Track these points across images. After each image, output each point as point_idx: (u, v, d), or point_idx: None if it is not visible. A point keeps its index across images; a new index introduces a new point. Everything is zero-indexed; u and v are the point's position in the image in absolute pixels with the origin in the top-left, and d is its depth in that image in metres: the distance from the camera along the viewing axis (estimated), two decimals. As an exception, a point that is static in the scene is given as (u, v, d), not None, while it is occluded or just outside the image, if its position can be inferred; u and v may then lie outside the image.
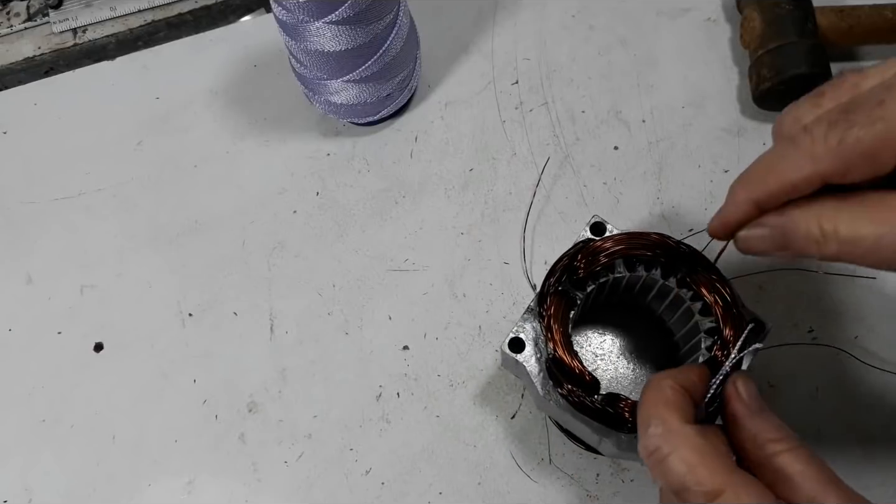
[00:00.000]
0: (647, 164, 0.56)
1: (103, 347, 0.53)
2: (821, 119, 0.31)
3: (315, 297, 0.54)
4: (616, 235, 0.42)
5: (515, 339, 0.41)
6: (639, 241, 0.41)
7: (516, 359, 0.40)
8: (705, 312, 0.40)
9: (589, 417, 0.38)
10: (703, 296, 0.40)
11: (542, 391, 0.40)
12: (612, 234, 0.42)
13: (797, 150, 0.31)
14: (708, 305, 0.40)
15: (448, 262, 0.54)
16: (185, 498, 0.49)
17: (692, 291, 0.41)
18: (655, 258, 0.41)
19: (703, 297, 0.40)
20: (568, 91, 0.59)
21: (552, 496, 0.48)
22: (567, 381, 0.38)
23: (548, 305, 0.40)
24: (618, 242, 0.41)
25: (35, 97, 0.63)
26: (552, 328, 0.39)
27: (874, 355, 0.49)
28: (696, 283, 0.40)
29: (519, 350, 0.41)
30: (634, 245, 0.41)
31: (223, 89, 0.62)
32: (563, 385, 0.38)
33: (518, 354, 0.40)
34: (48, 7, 0.67)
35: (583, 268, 0.41)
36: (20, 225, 0.58)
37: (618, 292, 0.45)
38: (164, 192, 0.58)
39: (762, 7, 0.55)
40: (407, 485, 0.48)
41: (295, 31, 0.49)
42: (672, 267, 0.41)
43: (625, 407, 0.38)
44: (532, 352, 0.41)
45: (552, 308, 0.40)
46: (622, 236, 0.42)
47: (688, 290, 0.41)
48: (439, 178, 0.57)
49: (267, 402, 0.51)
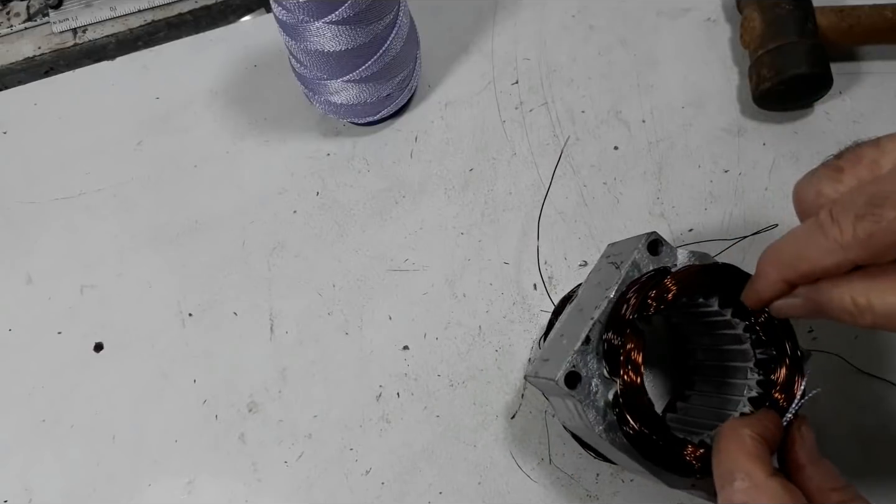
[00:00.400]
0: (647, 164, 0.56)
1: (103, 347, 0.53)
2: (846, 207, 0.30)
3: (315, 297, 0.54)
4: (687, 270, 0.39)
5: (572, 374, 0.37)
6: (709, 276, 0.39)
7: (571, 394, 0.37)
8: (758, 344, 0.39)
9: (652, 462, 0.36)
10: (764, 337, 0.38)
11: (599, 430, 0.37)
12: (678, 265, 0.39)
13: (826, 238, 0.31)
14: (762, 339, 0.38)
15: (448, 262, 0.54)
16: (185, 498, 0.49)
17: (747, 323, 0.39)
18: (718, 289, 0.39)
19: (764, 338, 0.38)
20: (568, 91, 0.59)
21: (552, 496, 0.48)
22: (638, 421, 0.36)
23: (626, 340, 0.37)
24: (689, 276, 0.38)
25: (35, 97, 0.63)
26: (632, 363, 0.37)
27: (874, 361, 0.49)
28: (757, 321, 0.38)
29: (573, 385, 0.37)
30: (704, 282, 0.38)
31: (223, 89, 0.62)
32: (629, 424, 0.36)
33: (573, 389, 0.37)
34: (48, 7, 0.67)
35: (654, 306, 0.38)
36: (20, 225, 0.58)
37: None
38: (164, 192, 0.58)
39: (762, 7, 0.55)
40: (407, 485, 0.48)
41: (295, 31, 0.49)
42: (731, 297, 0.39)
43: (692, 454, 0.36)
44: (587, 388, 0.37)
45: (631, 344, 0.37)
46: (693, 273, 0.39)
47: (742, 321, 0.39)
48: (439, 178, 0.57)
49: (267, 402, 0.51)
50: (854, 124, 0.57)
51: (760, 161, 0.56)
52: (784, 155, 0.56)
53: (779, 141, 0.56)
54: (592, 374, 0.37)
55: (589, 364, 0.37)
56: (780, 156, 0.56)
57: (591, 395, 0.37)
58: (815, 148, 0.56)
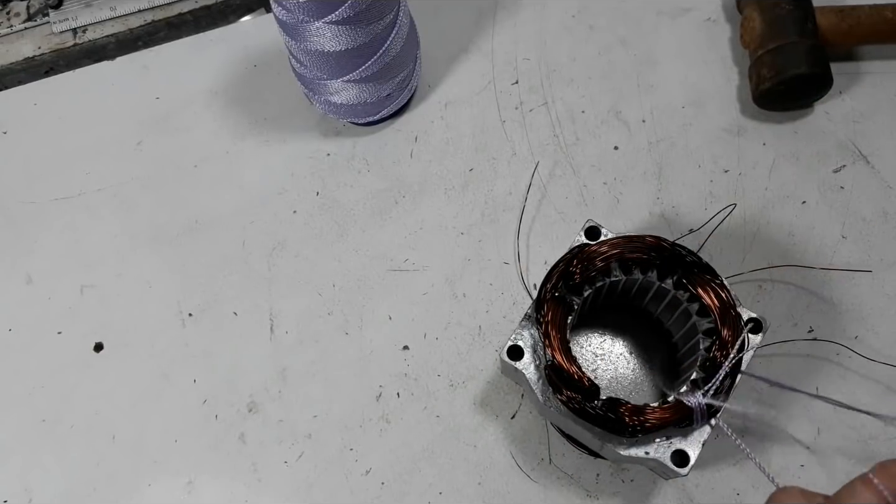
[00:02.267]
0: (647, 164, 0.56)
1: (103, 347, 0.53)
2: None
3: (315, 297, 0.54)
4: (611, 240, 0.42)
5: (514, 347, 0.40)
6: (634, 244, 0.41)
7: (515, 366, 0.40)
8: (703, 313, 0.40)
9: (590, 423, 0.38)
10: (701, 297, 0.40)
11: (542, 398, 0.40)
12: (606, 238, 0.42)
13: None
14: (705, 307, 0.40)
15: (448, 262, 0.54)
16: (185, 498, 0.49)
17: (689, 293, 0.40)
18: (651, 261, 0.41)
19: (700, 298, 0.40)
20: (568, 91, 0.59)
21: (552, 496, 0.48)
22: (566, 388, 0.38)
23: (545, 312, 0.40)
24: (613, 247, 0.41)
25: (35, 97, 0.63)
26: (550, 335, 0.39)
27: (875, 351, 0.49)
28: (692, 285, 0.40)
29: (518, 358, 0.40)
30: (629, 248, 0.41)
31: (223, 89, 0.62)
32: (562, 391, 0.38)
33: (517, 362, 0.40)
34: (48, 7, 0.67)
35: (579, 273, 0.40)
36: (20, 225, 0.58)
37: (615, 295, 0.45)
38: (164, 192, 0.58)
39: (762, 7, 0.55)
40: (407, 485, 0.48)
41: (295, 31, 0.49)
42: (668, 269, 0.41)
43: (625, 411, 0.38)
44: (531, 359, 0.40)
45: (549, 314, 0.40)
46: (617, 240, 0.41)
47: (684, 292, 0.41)
48: (439, 178, 0.57)
49: (267, 402, 0.51)
50: (854, 124, 0.57)
51: (760, 161, 0.56)
52: (784, 155, 0.56)
53: (779, 141, 0.56)
54: (535, 347, 0.40)
55: (527, 338, 0.41)
56: (780, 156, 0.56)
57: (536, 369, 0.40)
58: (815, 148, 0.56)
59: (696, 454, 0.38)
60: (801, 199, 0.55)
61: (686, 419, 0.38)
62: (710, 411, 0.38)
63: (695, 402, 0.37)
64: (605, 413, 0.38)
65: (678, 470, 0.38)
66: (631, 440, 0.38)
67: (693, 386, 0.39)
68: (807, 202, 0.54)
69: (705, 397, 0.37)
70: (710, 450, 0.47)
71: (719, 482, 0.47)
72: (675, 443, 0.38)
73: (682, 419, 0.38)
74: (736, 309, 0.39)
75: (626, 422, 0.37)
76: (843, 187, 0.55)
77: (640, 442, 0.38)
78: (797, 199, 0.55)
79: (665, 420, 0.38)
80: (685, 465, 0.38)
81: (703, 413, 0.37)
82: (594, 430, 0.39)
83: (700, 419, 0.38)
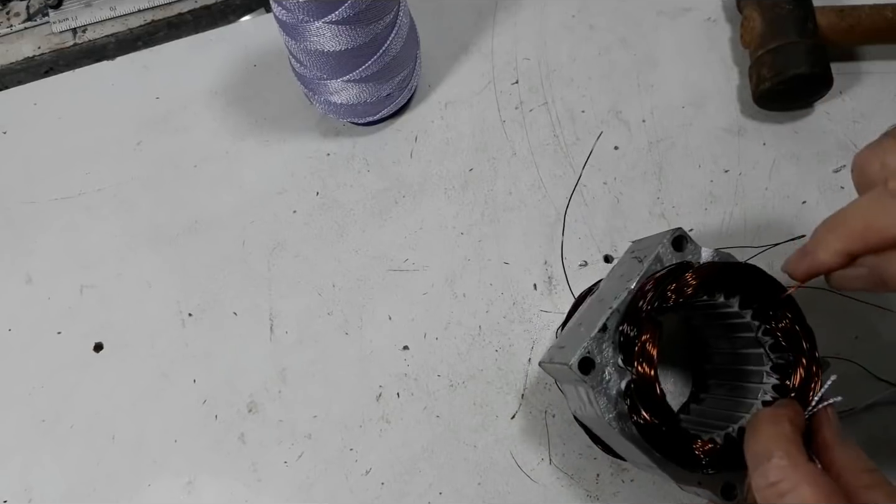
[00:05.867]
0: (647, 164, 0.56)
1: (103, 347, 0.53)
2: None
3: (315, 297, 0.54)
4: (706, 266, 0.39)
5: (586, 359, 0.37)
6: (731, 274, 0.39)
7: (584, 380, 0.37)
8: (776, 348, 0.39)
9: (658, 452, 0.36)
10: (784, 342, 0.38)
11: (608, 419, 0.37)
12: (701, 261, 0.39)
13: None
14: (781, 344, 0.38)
15: (448, 262, 0.54)
16: (185, 498, 0.49)
17: (767, 326, 0.39)
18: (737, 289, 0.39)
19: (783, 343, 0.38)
20: (568, 91, 0.59)
21: (552, 496, 0.48)
22: (649, 412, 0.36)
23: (642, 331, 0.37)
24: (710, 272, 0.38)
25: (35, 97, 0.63)
26: (646, 354, 0.37)
27: (874, 356, 0.49)
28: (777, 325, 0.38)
29: (587, 371, 0.37)
30: (726, 280, 0.38)
31: (223, 89, 0.62)
32: (640, 414, 0.36)
33: (586, 375, 0.37)
34: (48, 7, 0.67)
35: (672, 299, 0.38)
36: (20, 225, 0.58)
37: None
38: (164, 192, 0.58)
39: (762, 7, 0.55)
40: (407, 485, 0.48)
41: (295, 31, 0.49)
42: (752, 298, 0.39)
43: (701, 448, 0.36)
44: (602, 375, 0.38)
45: (647, 335, 0.37)
46: (714, 269, 0.39)
47: (762, 324, 0.39)
48: (439, 178, 0.57)
49: (267, 402, 0.51)
50: (854, 124, 0.57)
51: (760, 161, 0.56)
52: (784, 155, 0.56)
53: (779, 141, 0.56)
54: (607, 362, 0.37)
55: (604, 352, 0.38)
56: (780, 156, 0.56)
57: (603, 383, 0.37)
58: (816, 148, 0.56)
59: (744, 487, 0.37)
60: (801, 199, 0.55)
61: None
62: None
63: None
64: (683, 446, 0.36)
65: (725, 502, 0.37)
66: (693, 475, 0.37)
67: None
68: (807, 202, 0.54)
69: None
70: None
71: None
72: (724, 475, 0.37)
73: None
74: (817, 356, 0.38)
75: (700, 458, 0.36)
76: (843, 187, 0.55)
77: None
78: (797, 199, 0.55)
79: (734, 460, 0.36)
80: (732, 497, 0.37)
81: None
82: (653, 456, 0.37)
83: None
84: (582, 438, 0.48)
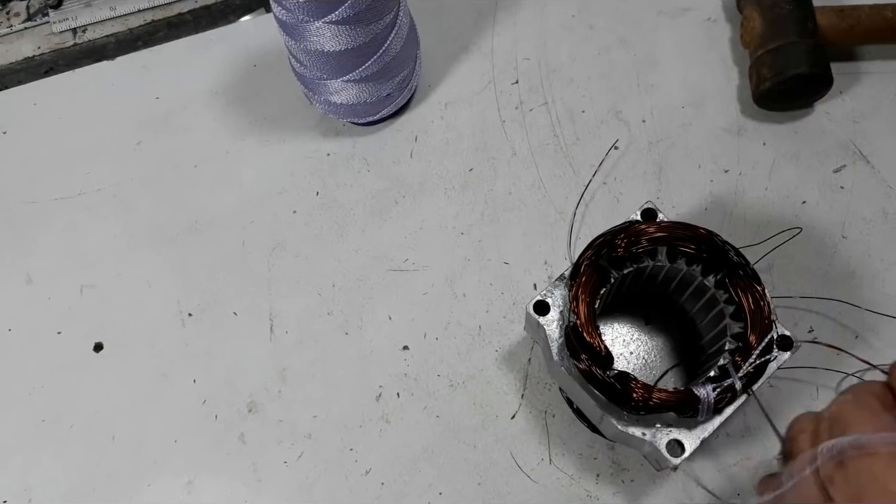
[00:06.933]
0: (647, 164, 0.56)
1: (103, 347, 0.53)
2: None
3: (315, 297, 0.54)
4: (663, 223, 0.42)
5: (541, 302, 0.41)
6: (685, 231, 0.41)
7: (538, 321, 0.41)
8: (737, 317, 0.40)
9: (597, 390, 0.38)
10: (739, 300, 0.39)
11: (556, 356, 0.40)
12: (660, 221, 0.42)
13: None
14: (740, 310, 0.39)
15: (448, 262, 0.54)
16: (185, 498, 0.49)
17: (728, 294, 0.40)
18: (698, 253, 0.41)
19: (737, 300, 0.39)
20: (568, 91, 0.59)
21: (552, 496, 0.48)
22: (583, 352, 0.39)
23: (580, 275, 0.40)
24: (663, 229, 0.41)
25: (35, 97, 0.63)
26: (580, 298, 0.39)
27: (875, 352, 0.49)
28: (733, 287, 0.40)
29: (543, 313, 0.41)
30: (679, 236, 0.41)
31: (223, 89, 0.62)
32: (578, 355, 0.39)
33: (541, 317, 0.41)
34: (48, 7, 0.67)
35: (623, 247, 0.40)
36: (20, 225, 0.58)
37: (655, 283, 0.45)
38: (164, 192, 0.58)
39: (762, 7, 0.55)
40: (407, 485, 0.48)
41: (295, 31, 0.49)
42: (713, 266, 0.41)
43: (633, 386, 0.38)
44: (556, 317, 0.41)
45: (584, 278, 0.40)
46: (669, 224, 0.41)
47: (724, 292, 0.40)
48: (439, 178, 0.57)
49: (267, 402, 0.51)
50: (854, 124, 0.57)
51: (760, 161, 0.56)
52: (784, 155, 0.56)
53: (779, 141, 0.56)
54: (562, 307, 0.41)
55: (557, 299, 0.41)
56: (780, 156, 0.56)
57: (559, 328, 0.41)
58: (815, 148, 0.56)
59: (692, 447, 0.38)
60: (801, 199, 0.55)
61: (691, 409, 0.37)
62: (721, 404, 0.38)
63: (704, 394, 0.37)
64: (613, 382, 0.38)
65: (670, 458, 0.38)
66: (633, 417, 0.38)
67: (707, 381, 0.39)
68: (807, 202, 0.54)
69: (715, 392, 0.37)
70: (711, 452, 0.47)
71: (720, 482, 0.47)
72: (674, 433, 0.38)
73: (687, 407, 0.37)
74: (770, 319, 0.39)
75: (633, 396, 0.37)
76: (843, 187, 0.55)
77: (641, 422, 0.39)
78: (797, 199, 0.55)
79: (670, 403, 0.37)
80: (678, 455, 0.38)
81: (709, 407, 0.37)
82: (599, 399, 0.39)
83: (706, 412, 0.38)
84: (582, 438, 0.48)
